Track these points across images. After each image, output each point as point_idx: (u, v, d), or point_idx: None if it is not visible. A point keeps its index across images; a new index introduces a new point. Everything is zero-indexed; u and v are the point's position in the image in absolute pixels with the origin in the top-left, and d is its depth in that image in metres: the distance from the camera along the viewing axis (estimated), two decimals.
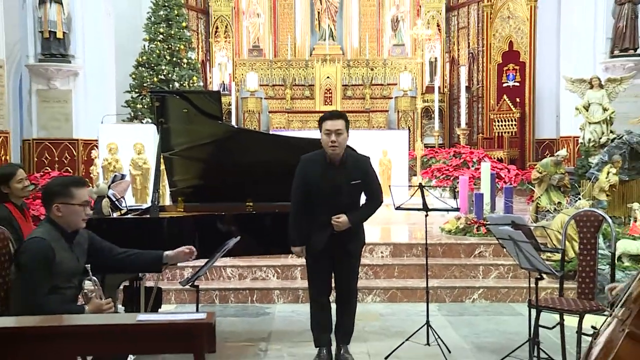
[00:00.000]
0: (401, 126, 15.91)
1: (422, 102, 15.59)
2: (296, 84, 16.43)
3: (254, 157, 5.30)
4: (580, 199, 7.72)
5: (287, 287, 6.79)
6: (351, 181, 4.64)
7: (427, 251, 5.53)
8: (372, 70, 16.43)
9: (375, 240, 7.47)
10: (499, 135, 14.46)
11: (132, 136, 9.09)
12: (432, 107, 15.35)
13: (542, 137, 14.08)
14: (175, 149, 5.29)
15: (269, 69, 16.43)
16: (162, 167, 5.31)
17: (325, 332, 4.87)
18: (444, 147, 14.58)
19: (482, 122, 15.64)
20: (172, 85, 12.27)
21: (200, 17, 16.37)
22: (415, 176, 12.11)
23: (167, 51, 12.53)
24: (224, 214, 5.08)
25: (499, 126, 14.54)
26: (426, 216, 5.32)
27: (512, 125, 14.25)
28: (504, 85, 14.60)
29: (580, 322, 4.51)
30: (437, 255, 7.25)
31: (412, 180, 11.94)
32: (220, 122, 5.26)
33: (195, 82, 12.75)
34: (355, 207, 4.71)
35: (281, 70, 16.42)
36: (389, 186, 6.00)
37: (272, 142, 5.84)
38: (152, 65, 12.41)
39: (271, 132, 13.21)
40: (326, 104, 15.68)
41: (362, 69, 16.41)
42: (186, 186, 5.54)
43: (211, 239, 4.58)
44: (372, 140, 11.11)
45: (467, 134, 14.46)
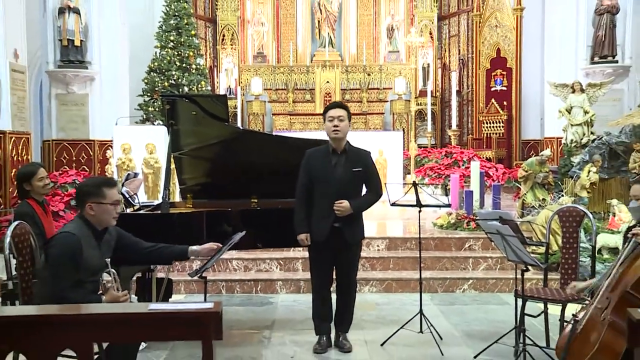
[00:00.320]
0: (396, 128, 15.89)
1: (416, 105, 15.54)
2: (298, 88, 16.40)
3: (258, 157, 5.30)
4: (563, 195, 7.73)
5: (290, 279, 6.79)
6: (353, 169, 4.65)
7: (421, 245, 5.52)
8: (369, 75, 16.41)
9: (371, 234, 7.46)
10: (488, 136, 14.44)
11: (144, 137, 9.07)
12: (425, 110, 15.34)
13: (528, 138, 14.06)
14: (184, 149, 5.28)
15: (272, 74, 16.40)
16: (172, 166, 5.30)
17: (325, 322, 4.88)
18: (436, 147, 14.55)
19: (471, 124, 15.61)
20: (181, 89, 12.25)
21: (208, 25, 16.34)
22: (409, 174, 12.09)
23: (177, 57, 12.51)
24: (230, 209, 5.07)
25: (487, 128, 14.52)
26: (419, 212, 5.32)
27: (499, 126, 14.23)
28: (492, 89, 14.57)
29: (563, 310, 4.52)
30: (429, 248, 7.25)
31: (406, 178, 11.91)
32: (226, 124, 5.25)
33: (203, 86, 12.72)
34: (356, 196, 4.71)
35: (284, 75, 16.39)
36: (385, 184, 5.98)
37: (275, 142, 5.84)
38: (163, 70, 12.40)
39: (274, 133, 13.20)
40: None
41: (360, 74, 16.39)
42: (195, 184, 5.53)
43: (218, 233, 4.57)
44: (369, 140, 11.04)
45: (457, 135, 14.43)
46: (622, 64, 11.05)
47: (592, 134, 8.99)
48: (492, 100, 14.40)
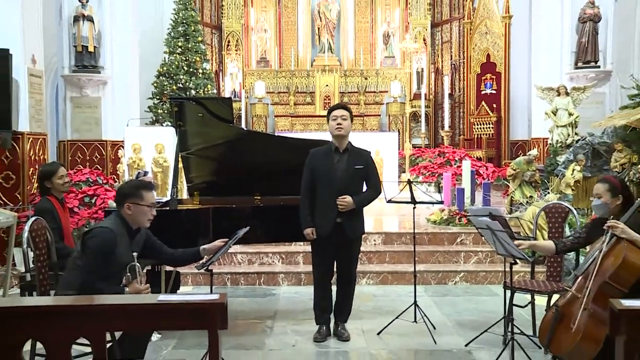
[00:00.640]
0: (392, 129, 15.86)
1: (410, 107, 15.57)
2: (299, 91, 16.36)
3: (262, 156, 5.30)
4: (549, 193, 7.73)
5: (291, 271, 6.79)
6: (354, 166, 4.66)
7: (415, 239, 5.53)
8: (366, 79, 16.37)
9: (369, 229, 7.42)
10: (478, 136, 14.43)
11: (153, 137, 9.07)
12: (419, 112, 15.28)
13: (516, 138, 14.05)
14: (191, 149, 5.28)
15: (274, 78, 16.38)
16: (180, 165, 5.31)
17: (325, 312, 4.88)
18: (429, 147, 14.52)
19: (463, 125, 15.60)
20: (189, 92, 12.24)
21: (214, 32, 16.31)
22: (404, 173, 12.09)
23: (185, 62, 12.50)
24: (235, 206, 5.07)
25: (478, 129, 14.50)
26: (414, 208, 5.32)
27: (489, 128, 14.21)
28: (482, 92, 14.55)
29: (548, 301, 4.52)
30: (423, 243, 7.25)
31: (401, 176, 11.92)
32: (231, 125, 5.25)
33: (209, 89, 12.72)
34: (357, 193, 4.71)
35: (285, 79, 16.36)
36: (381, 182, 5.99)
37: (277, 143, 5.84)
38: (172, 75, 12.39)
39: (276, 134, 13.18)
40: (325, 109, 15.56)
41: (357, 78, 16.35)
42: (201, 182, 5.53)
43: (224, 228, 4.57)
44: (366, 141, 11.02)
45: (450, 136, 14.43)
46: (604, 69, 11.05)
47: (576, 134, 8.98)
48: (483, 102, 14.38)
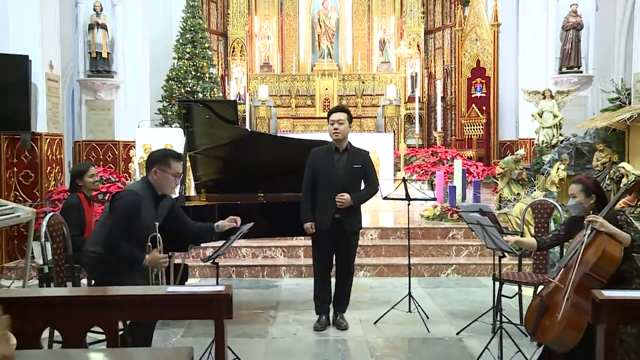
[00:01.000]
0: (387, 130, 15.84)
1: (405, 109, 15.59)
2: (300, 94, 16.35)
3: (265, 156, 5.29)
4: (535, 190, 7.74)
5: (293, 264, 6.78)
6: (353, 165, 4.65)
7: (409, 234, 5.53)
8: (363, 83, 16.36)
9: (365, 224, 7.40)
10: (469, 137, 14.43)
11: (163, 138, 9.06)
12: (413, 114, 15.34)
13: (504, 139, 14.03)
14: (198, 149, 5.28)
15: (277, 82, 16.37)
16: (188, 164, 5.31)
17: (325, 303, 4.88)
18: (423, 147, 14.52)
19: (454, 127, 15.58)
20: (196, 95, 12.22)
21: (220, 39, 16.30)
22: (399, 171, 12.09)
23: (193, 67, 12.48)
24: (239, 202, 5.07)
25: (468, 130, 14.50)
26: (408, 205, 5.32)
27: (479, 129, 14.21)
28: (473, 95, 14.54)
29: (535, 292, 4.51)
30: (417, 237, 7.25)
31: (396, 175, 11.91)
32: (236, 127, 5.25)
33: (215, 93, 12.70)
34: (356, 191, 4.71)
35: (287, 83, 16.35)
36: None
37: (279, 143, 5.84)
38: (180, 79, 12.37)
39: (279, 135, 13.17)
40: (325, 111, 15.57)
41: (355, 82, 16.34)
42: (208, 180, 5.53)
43: None
44: (363, 141, 10.96)
45: (442, 136, 14.44)
46: (586, 74, 11.06)
47: (560, 135, 8.99)
48: (473, 105, 14.38)
